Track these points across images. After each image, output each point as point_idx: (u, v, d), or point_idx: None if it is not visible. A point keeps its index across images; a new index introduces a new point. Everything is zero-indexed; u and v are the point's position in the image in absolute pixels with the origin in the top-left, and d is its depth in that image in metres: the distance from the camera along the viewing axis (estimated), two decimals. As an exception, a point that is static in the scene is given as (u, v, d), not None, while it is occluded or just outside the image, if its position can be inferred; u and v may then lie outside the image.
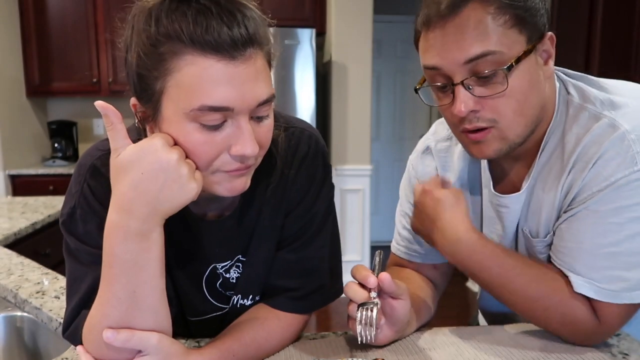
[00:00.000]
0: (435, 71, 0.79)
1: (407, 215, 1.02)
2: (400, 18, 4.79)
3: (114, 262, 0.64)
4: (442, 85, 0.79)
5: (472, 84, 0.76)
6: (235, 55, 0.62)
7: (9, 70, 3.57)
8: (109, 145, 0.75)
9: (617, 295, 0.76)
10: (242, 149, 0.64)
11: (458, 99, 0.77)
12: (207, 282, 0.84)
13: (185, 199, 0.64)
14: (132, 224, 0.63)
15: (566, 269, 0.79)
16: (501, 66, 0.74)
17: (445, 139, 0.99)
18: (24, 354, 1.16)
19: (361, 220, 3.83)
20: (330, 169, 0.86)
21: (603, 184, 0.75)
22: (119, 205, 0.63)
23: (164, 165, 0.62)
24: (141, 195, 0.62)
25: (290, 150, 0.81)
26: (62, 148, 3.91)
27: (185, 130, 0.64)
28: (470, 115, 0.77)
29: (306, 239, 0.82)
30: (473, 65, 0.75)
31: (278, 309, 0.82)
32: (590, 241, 0.77)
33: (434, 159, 1.00)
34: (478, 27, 0.74)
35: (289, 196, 0.81)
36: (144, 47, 0.63)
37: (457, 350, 0.81)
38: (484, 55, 0.74)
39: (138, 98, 0.68)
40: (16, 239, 1.77)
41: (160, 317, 0.68)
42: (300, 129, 0.83)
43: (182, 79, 0.62)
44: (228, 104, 0.62)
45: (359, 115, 3.71)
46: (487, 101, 0.76)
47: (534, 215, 0.86)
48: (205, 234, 0.80)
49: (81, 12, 3.66)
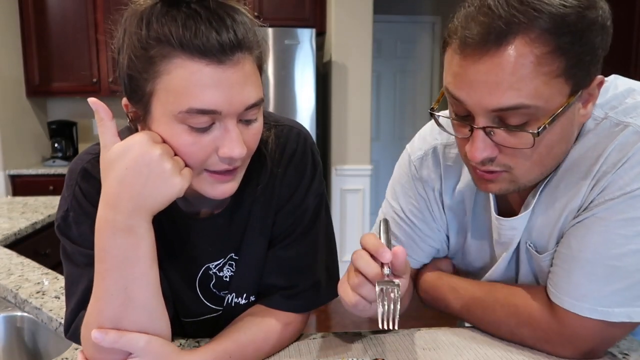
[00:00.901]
0: (457, 101, 0.70)
1: (397, 218, 0.95)
2: (400, 18, 4.80)
3: (104, 257, 0.65)
4: (462, 116, 0.71)
5: (494, 130, 0.68)
6: (223, 60, 0.63)
7: (9, 70, 3.57)
8: (98, 149, 0.76)
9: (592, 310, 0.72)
10: (229, 151, 0.65)
11: (475, 144, 0.69)
12: (200, 283, 0.84)
13: (169, 193, 0.64)
14: (118, 218, 0.64)
15: (550, 284, 0.76)
16: (532, 125, 0.66)
17: (454, 145, 0.88)
18: (24, 354, 1.16)
19: (361, 220, 3.83)
20: (319, 166, 0.86)
21: (617, 193, 0.70)
22: (106, 200, 0.65)
23: (146, 159, 0.63)
24: (126, 189, 0.63)
25: (279, 148, 0.82)
26: (62, 148, 3.91)
27: (174, 131, 0.65)
28: (485, 159, 0.70)
29: (297, 236, 0.83)
30: (501, 114, 0.66)
31: (274, 308, 0.82)
32: (593, 249, 0.72)
33: (441, 165, 0.91)
34: (517, 71, 0.63)
35: (278, 193, 0.82)
36: (135, 49, 0.64)
37: (457, 350, 0.81)
38: (516, 108, 0.65)
39: (129, 98, 0.69)
40: (16, 239, 1.78)
41: (154, 315, 0.68)
42: (288, 127, 0.84)
43: (171, 82, 0.63)
44: (215, 107, 0.63)
45: (359, 115, 3.71)
46: (507, 149, 0.69)
47: (542, 231, 0.80)
48: (197, 232, 0.81)
49: (81, 12, 3.66)
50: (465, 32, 0.65)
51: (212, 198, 0.71)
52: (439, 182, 0.91)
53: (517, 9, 0.63)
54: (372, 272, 0.67)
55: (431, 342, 0.83)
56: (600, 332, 0.73)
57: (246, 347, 0.75)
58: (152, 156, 0.63)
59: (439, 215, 0.93)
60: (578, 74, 0.65)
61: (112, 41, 0.70)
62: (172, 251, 0.80)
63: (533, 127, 0.66)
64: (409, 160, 0.95)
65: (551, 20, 0.62)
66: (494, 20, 0.63)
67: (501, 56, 0.63)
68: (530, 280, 0.85)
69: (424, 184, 0.92)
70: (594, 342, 0.74)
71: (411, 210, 0.94)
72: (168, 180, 0.63)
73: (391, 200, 0.97)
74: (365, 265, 0.67)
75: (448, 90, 0.71)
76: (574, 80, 0.65)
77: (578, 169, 0.74)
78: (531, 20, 0.62)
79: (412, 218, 0.94)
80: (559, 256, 0.77)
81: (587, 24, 0.64)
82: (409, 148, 0.96)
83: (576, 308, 0.73)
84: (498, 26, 0.63)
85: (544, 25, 0.62)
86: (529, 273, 0.85)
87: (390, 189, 0.98)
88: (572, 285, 0.73)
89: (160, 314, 0.69)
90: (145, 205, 0.64)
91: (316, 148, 0.86)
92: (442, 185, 0.91)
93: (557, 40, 0.62)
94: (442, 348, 0.81)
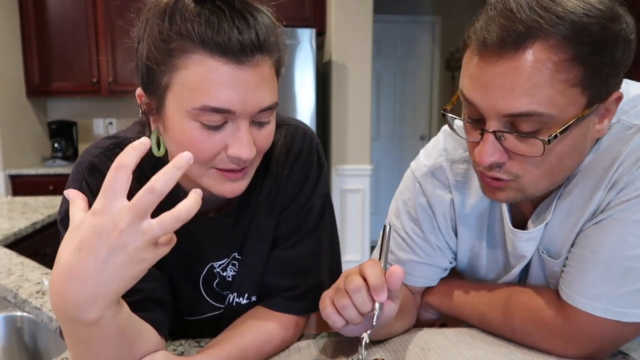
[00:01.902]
0: (471, 104, 0.69)
1: (398, 237, 0.92)
2: (400, 18, 4.80)
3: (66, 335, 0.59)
4: (474, 119, 0.71)
5: (505, 135, 0.67)
6: (242, 60, 0.63)
7: (9, 70, 3.56)
8: (107, 144, 0.75)
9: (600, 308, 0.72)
10: (238, 151, 0.65)
11: (484, 147, 0.68)
12: (204, 282, 0.84)
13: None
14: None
15: (563, 284, 0.76)
16: (544, 133, 0.65)
17: (461, 160, 0.88)
18: (24, 354, 1.16)
19: (361, 220, 3.83)
20: (325, 166, 0.86)
21: (634, 194, 0.69)
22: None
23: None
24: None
25: (284, 147, 0.82)
26: (62, 148, 3.91)
27: (186, 127, 0.65)
28: (493, 164, 0.69)
29: (301, 236, 0.82)
30: (513, 119, 0.66)
31: (276, 310, 0.81)
32: (609, 250, 0.71)
33: (449, 181, 0.88)
34: (533, 77, 0.62)
35: (284, 193, 0.82)
36: (155, 41, 0.64)
37: (457, 350, 0.81)
38: (529, 114, 0.64)
39: (144, 89, 0.69)
40: (16, 239, 1.77)
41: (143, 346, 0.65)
42: (294, 126, 0.84)
43: (187, 77, 0.63)
44: (230, 107, 0.63)
45: (359, 115, 3.71)
46: (516, 155, 0.68)
47: (557, 237, 0.79)
48: (204, 231, 0.80)
49: (81, 12, 3.66)
50: (484, 33, 0.65)
51: (221, 196, 0.71)
52: (448, 199, 0.89)
53: (539, 14, 0.62)
54: (365, 309, 0.67)
55: (431, 342, 0.83)
56: (611, 332, 0.73)
57: (248, 351, 0.75)
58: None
59: (445, 232, 0.90)
60: (595, 85, 0.64)
61: (132, 29, 0.69)
62: (178, 249, 0.79)
63: (544, 135, 0.65)
64: (413, 177, 0.92)
65: (572, 27, 0.61)
66: (514, 23, 0.62)
67: (518, 60, 0.62)
68: (540, 284, 0.84)
69: (429, 201, 0.89)
70: (602, 342, 0.74)
71: (413, 229, 0.91)
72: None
73: (393, 217, 0.95)
74: (361, 302, 0.67)
75: (462, 92, 0.70)
76: (590, 91, 0.64)
77: (593, 173, 0.73)
78: (552, 26, 0.61)
79: (413, 237, 0.91)
80: (574, 257, 0.76)
81: (609, 36, 0.63)
82: (413, 165, 0.94)
83: (588, 307, 0.73)
84: (518, 29, 0.62)
85: (564, 32, 0.61)
86: (539, 276, 0.84)
87: (393, 206, 0.96)
88: (586, 285, 0.73)
89: (143, 341, 0.65)
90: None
91: (321, 148, 0.86)
92: (454, 201, 0.88)
93: (577, 48, 0.61)
94: (442, 348, 0.81)
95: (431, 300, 0.93)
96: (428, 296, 0.94)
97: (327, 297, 0.73)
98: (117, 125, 4.11)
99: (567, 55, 0.61)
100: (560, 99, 0.63)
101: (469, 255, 0.92)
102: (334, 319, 0.70)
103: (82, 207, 0.54)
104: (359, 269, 0.70)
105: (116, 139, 0.77)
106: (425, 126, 5.08)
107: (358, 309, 0.68)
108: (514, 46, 0.62)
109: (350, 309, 0.68)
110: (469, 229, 0.89)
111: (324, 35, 3.90)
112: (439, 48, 4.95)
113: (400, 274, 0.67)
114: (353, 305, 0.68)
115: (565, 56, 0.61)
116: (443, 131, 0.93)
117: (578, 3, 0.62)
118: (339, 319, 0.70)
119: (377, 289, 0.66)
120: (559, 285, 0.78)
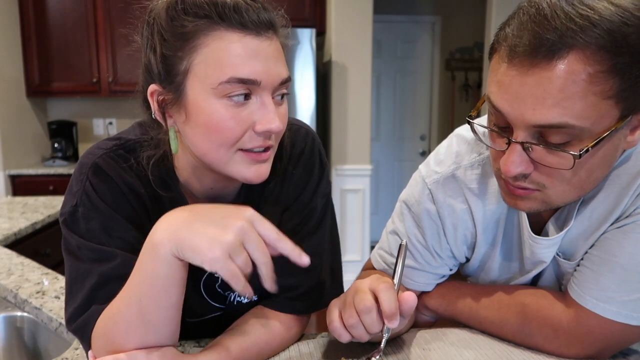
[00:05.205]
0: (499, 112, 0.66)
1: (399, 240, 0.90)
2: (400, 18, 4.80)
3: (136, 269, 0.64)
4: (501, 127, 0.67)
5: (532, 146, 0.64)
6: (260, 33, 0.66)
7: (9, 70, 3.56)
8: (111, 145, 0.75)
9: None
10: (267, 123, 0.67)
11: (510, 157, 0.65)
12: (205, 284, 0.84)
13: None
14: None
15: (574, 283, 0.75)
16: (574, 145, 0.62)
17: (473, 165, 0.84)
18: (24, 354, 1.16)
19: (361, 220, 3.83)
20: (327, 167, 0.87)
21: None
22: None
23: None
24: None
25: (287, 147, 0.82)
26: (62, 148, 3.91)
27: (212, 108, 0.66)
28: (518, 174, 0.67)
29: (303, 235, 0.82)
30: (542, 130, 0.62)
31: (277, 310, 0.81)
32: (628, 255, 0.70)
33: (463, 190, 0.84)
34: (566, 88, 0.59)
35: (286, 192, 0.82)
36: (168, 29, 0.66)
37: (457, 350, 0.81)
38: (560, 127, 0.61)
39: (160, 82, 0.69)
40: (16, 239, 1.78)
41: (162, 334, 0.67)
42: (296, 126, 0.85)
43: (209, 54, 0.65)
44: (256, 77, 0.66)
45: (359, 115, 3.71)
46: (543, 167, 0.65)
47: (576, 241, 0.78)
48: None
49: (81, 12, 3.66)
50: (515, 40, 0.61)
51: (246, 182, 0.72)
52: (459, 209, 0.85)
53: (575, 22, 0.58)
54: (374, 330, 0.69)
55: (431, 342, 0.83)
56: (618, 335, 0.73)
57: (249, 351, 0.75)
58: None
59: (453, 242, 0.87)
60: (630, 98, 0.61)
61: (135, 32, 0.72)
62: None
63: (574, 148, 0.62)
64: (424, 184, 0.87)
65: (610, 37, 0.58)
66: (548, 31, 0.59)
67: (551, 70, 0.59)
68: (552, 284, 0.84)
69: (438, 210, 0.86)
70: (607, 343, 0.74)
71: (415, 235, 0.88)
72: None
73: (397, 220, 0.92)
74: (370, 323, 0.68)
75: (490, 99, 0.66)
76: (625, 104, 0.61)
77: (619, 180, 0.72)
78: (589, 35, 0.58)
79: (415, 243, 0.89)
80: (590, 258, 0.75)
81: None
82: (423, 170, 0.89)
83: (599, 309, 0.72)
84: (552, 38, 0.58)
85: (601, 42, 0.58)
86: (551, 278, 0.84)
87: (398, 209, 0.92)
88: (600, 287, 0.73)
89: (170, 332, 0.68)
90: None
91: (323, 148, 0.87)
92: (473, 209, 0.84)
93: (615, 59, 0.58)
94: (442, 348, 0.81)
95: (428, 302, 0.92)
96: (424, 299, 0.92)
97: (335, 309, 0.73)
98: (117, 125, 4.10)
99: (604, 67, 0.58)
100: (593, 112, 0.60)
101: (480, 259, 0.90)
102: (340, 333, 0.71)
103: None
104: (370, 286, 0.71)
105: (119, 140, 0.77)
106: (425, 126, 5.08)
107: (367, 329, 0.68)
108: (547, 55, 0.59)
109: (359, 329, 0.69)
110: (485, 235, 0.87)
111: (324, 35, 3.90)
112: (439, 48, 4.95)
113: (413, 302, 0.68)
114: (362, 324, 0.68)
115: (602, 67, 0.58)
116: (456, 136, 0.89)
117: (615, 10, 0.58)
118: (346, 335, 0.71)
119: (390, 317, 0.67)
120: (569, 284, 0.77)
